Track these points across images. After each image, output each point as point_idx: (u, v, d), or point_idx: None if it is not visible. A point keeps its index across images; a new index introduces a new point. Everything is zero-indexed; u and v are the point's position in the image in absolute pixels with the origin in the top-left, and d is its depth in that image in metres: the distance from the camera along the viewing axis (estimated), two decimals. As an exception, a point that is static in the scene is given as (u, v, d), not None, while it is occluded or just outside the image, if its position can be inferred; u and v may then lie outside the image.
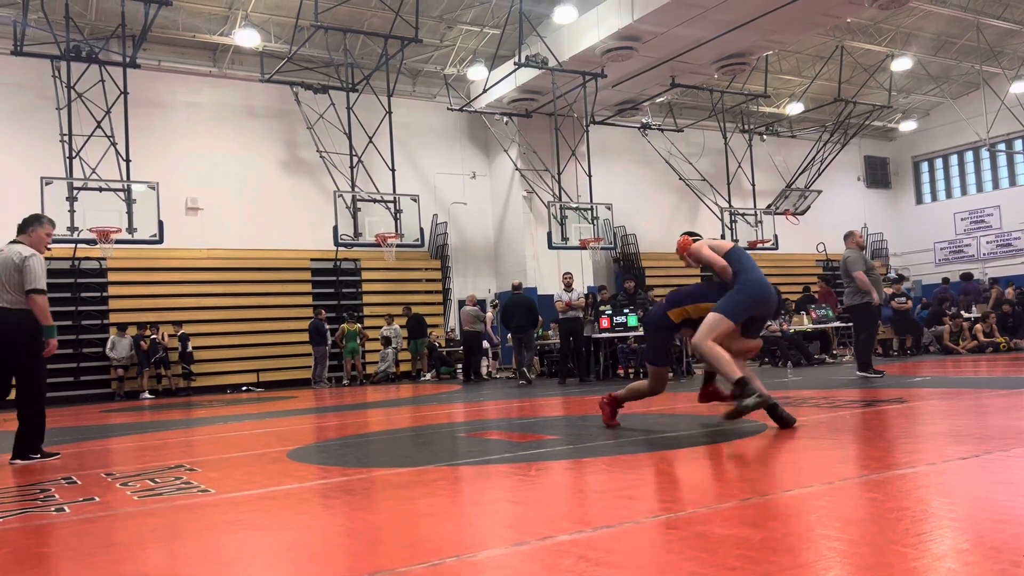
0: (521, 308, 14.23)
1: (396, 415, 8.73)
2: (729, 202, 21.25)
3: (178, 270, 17.58)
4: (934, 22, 21.62)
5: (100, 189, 14.18)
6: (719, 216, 21.12)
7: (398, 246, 16.96)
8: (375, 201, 16.92)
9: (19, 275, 5.52)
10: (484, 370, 17.23)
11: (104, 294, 16.95)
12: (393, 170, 17.21)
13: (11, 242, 5.77)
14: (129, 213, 14.29)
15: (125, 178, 14.55)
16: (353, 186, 17.14)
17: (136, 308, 16.99)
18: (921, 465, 3.53)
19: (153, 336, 16.34)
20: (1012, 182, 26.62)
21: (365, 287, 19.69)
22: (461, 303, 17.24)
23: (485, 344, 17.69)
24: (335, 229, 16.52)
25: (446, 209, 21.06)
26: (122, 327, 16.27)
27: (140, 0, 14.36)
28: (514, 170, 20.94)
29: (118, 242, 14.39)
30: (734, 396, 5.18)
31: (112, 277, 17.02)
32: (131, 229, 14.30)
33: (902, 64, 22.45)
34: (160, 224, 14.59)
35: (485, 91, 19.35)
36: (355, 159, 17.32)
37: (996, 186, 27.07)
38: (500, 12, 18.26)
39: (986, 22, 21.22)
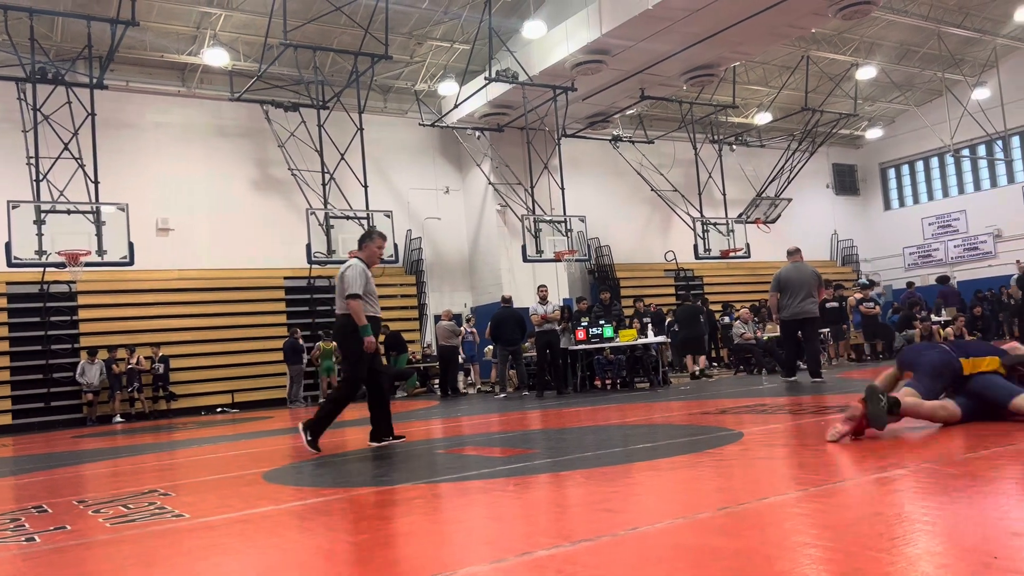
0: (511, 321, 14.25)
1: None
2: (701, 212, 21.44)
3: (149, 292, 17.39)
4: (896, 31, 22.03)
5: (68, 212, 14.02)
6: (691, 226, 21.29)
7: (372, 263, 16.87)
8: (348, 218, 16.87)
9: (341, 284, 6.42)
10: (461, 385, 17.18)
11: (74, 318, 16.71)
12: (366, 186, 17.18)
13: (350, 255, 6.78)
14: (98, 235, 14.13)
15: (94, 200, 14.39)
16: (326, 203, 17.08)
17: (107, 331, 16.76)
18: (895, 469, 3.57)
19: (130, 364, 16.12)
20: (977, 187, 27.13)
21: (340, 305, 19.57)
22: (437, 318, 17.20)
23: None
24: (308, 247, 16.43)
25: (420, 224, 21.04)
26: (92, 351, 16.03)
27: (106, 21, 14.27)
28: (487, 184, 20.99)
29: (88, 265, 14.22)
30: None
31: (82, 300, 16.79)
32: (101, 251, 14.14)
33: (867, 73, 22.84)
34: (130, 246, 14.43)
35: (456, 106, 19.41)
36: (327, 176, 17.27)
37: (962, 191, 27.57)
38: (470, 28, 18.34)
39: (946, 31, 21.68)
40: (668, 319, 17.79)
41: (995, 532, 2.38)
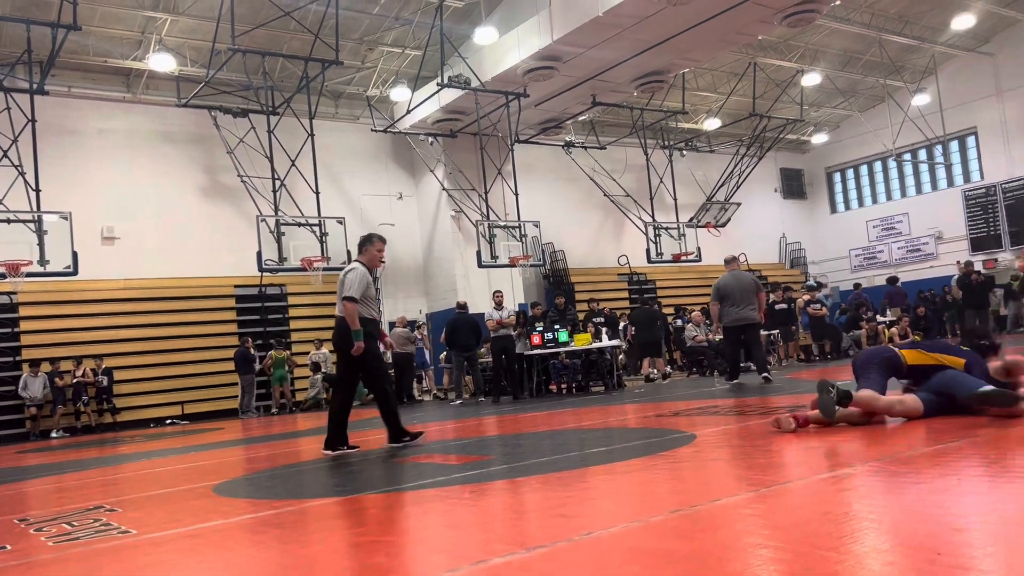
0: (467, 327, 14.22)
1: (327, 442, 8.55)
2: (653, 217, 21.68)
3: (95, 302, 16.95)
4: (840, 39, 22.57)
5: (8, 221, 13.61)
6: (644, 231, 21.51)
7: (325, 269, 16.74)
8: (300, 225, 16.68)
9: (341, 288, 6.54)
10: (416, 392, 17.09)
11: (15, 330, 16.22)
12: (317, 193, 17.00)
13: (353, 260, 6.90)
14: (40, 245, 13.74)
15: (35, 209, 13.98)
16: (276, 210, 16.86)
17: (51, 343, 16.30)
18: (843, 468, 3.64)
19: (77, 377, 15.68)
20: (918, 190, 27.91)
21: (292, 312, 19.33)
22: (391, 325, 17.09)
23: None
24: (259, 254, 16.19)
25: (373, 230, 20.85)
26: (34, 364, 15.56)
27: (47, 25, 13.90)
28: (441, 190, 20.94)
29: (29, 275, 13.82)
30: None
31: (24, 312, 16.31)
32: (43, 261, 13.75)
33: (812, 79, 23.36)
34: (74, 255, 14.07)
35: (409, 112, 19.34)
36: (278, 183, 17.05)
37: (904, 194, 28.33)
38: (421, 33, 18.30)
39: (887, 38, 22.28)
40: (623, 323, 17.96)
41: (939, 528, 2.44)
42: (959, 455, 3.68)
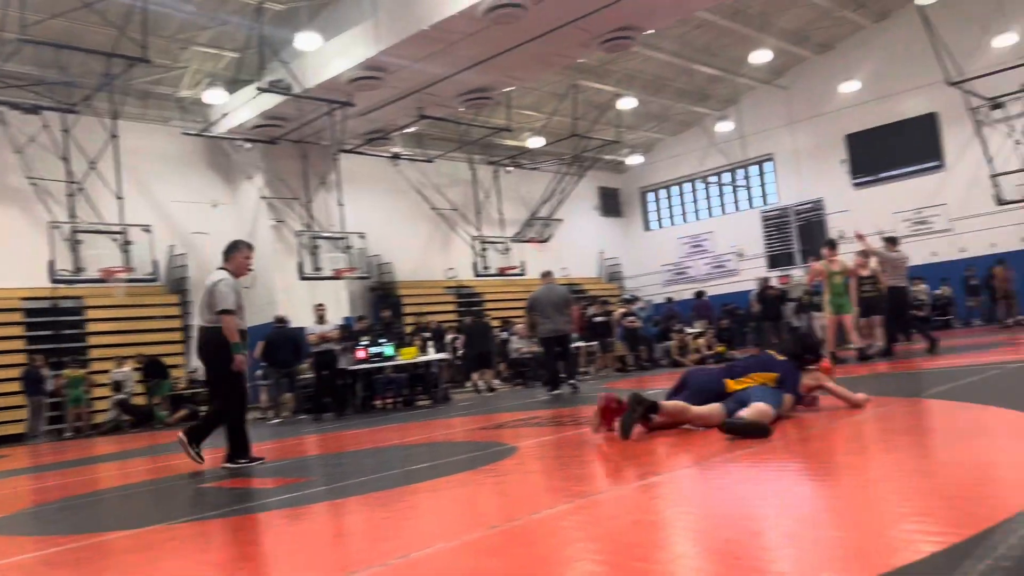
0: (287, 342, 13.65)
1: (130, 468, 7.93)
2: (479, 231, 21.94)
3: None
4: (653, 66, 23.92)
5: None
6: (471, 244, 21.71)
7: (128, 281, 15.57)
8: (99, 232, 15.41)
9: (211, 298, 6.27)
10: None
11: None
12: (120, 198, 15.80)
13: (217, 268, 6.52)
14: None
15: None
16: (72, 216, 15.49)
17: None
18: (653, 476, 3.78)
19: None
20: (723, 210, 30.06)
21: (91, 327, 17.79)
22: (205, 340, 16.12)
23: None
24: (51, 264, 14.80)
25: (185, 240, 19.70)
26: None
27: None
28: (260, 199, 20.10)
29: None
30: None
31: None
32: None
33: (628, 103, 24.59)
34: None
35: (224, 116, 18.42)
36: (74, 187, 15.69)
37: (710, 214, 30.41)
38: (239, 35, 17.52)
39: (695, 68, 23.88)
40: (450, 336, 18.00)
41: (738, 532, 2.56)
42: (756, 460, 3.92)
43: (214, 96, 18.55)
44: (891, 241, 11.88)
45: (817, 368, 5.45)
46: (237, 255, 6.57)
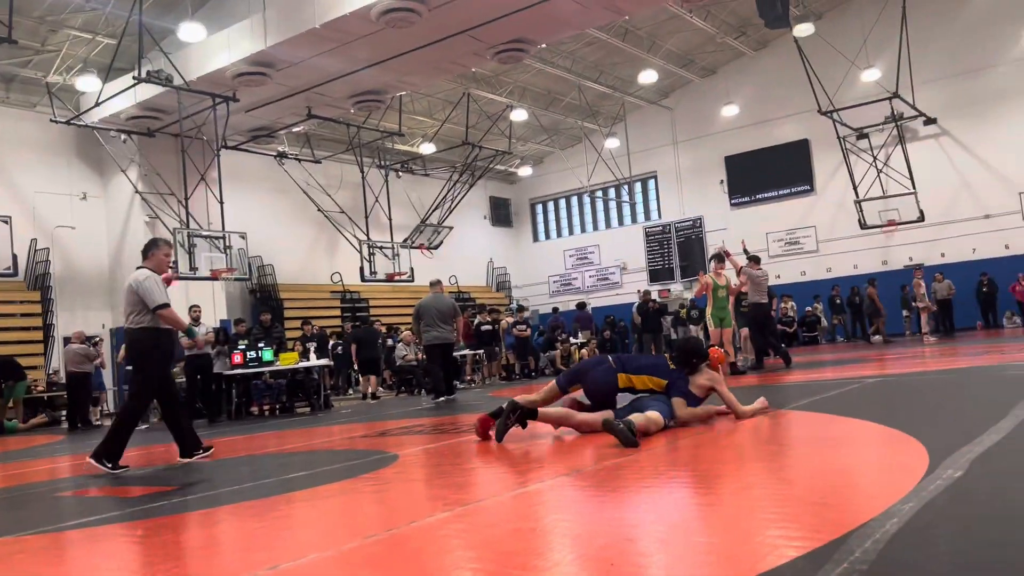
0: None
1: (-25, 477, 7.31)
2: (368, 235, 21.60)
3: None
4: (545, 80, 24.30)
5: None
6: (358, 249, 21.36)
7: (-16, 275, 14.46)
8: (-48, 222, 14.27)
9: (137, 296, 6.21)
10: (95, 416, 15.31)
11: None
12: (-23, 187, 14.69)
13: (137, 268, 6.47)
14: None
15: None
16: (-79, 204, 14.28)
17: None
18: (534, 484, 3.80)
19: None
20: (608, 224, 30.81)
21: (-62, 325, 16.44)
22: (67, 340, 15.18)
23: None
24: None
25: (48, 233, 18.50)
26: None
27: None
28: (134, 193, 19.11)
29: None
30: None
31: None
32: None
33: (519, 115, 24.85)
34: None
35: (98, 104, 17.39)
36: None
37: (596, 227, 31.11)
38: (116, 21, 16.62)
39: (585, 84, 24.41)
40: (332, 341, 17.63)
41: (613, 539, 2.60)
42: (634, 468, 4.00)
43: (87, 83, 17.51)
44: (754, 260, 12.48)
45: (708, 364, 5.63)
46: (157, 252, 6.60)
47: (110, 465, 6.06)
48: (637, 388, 5.51)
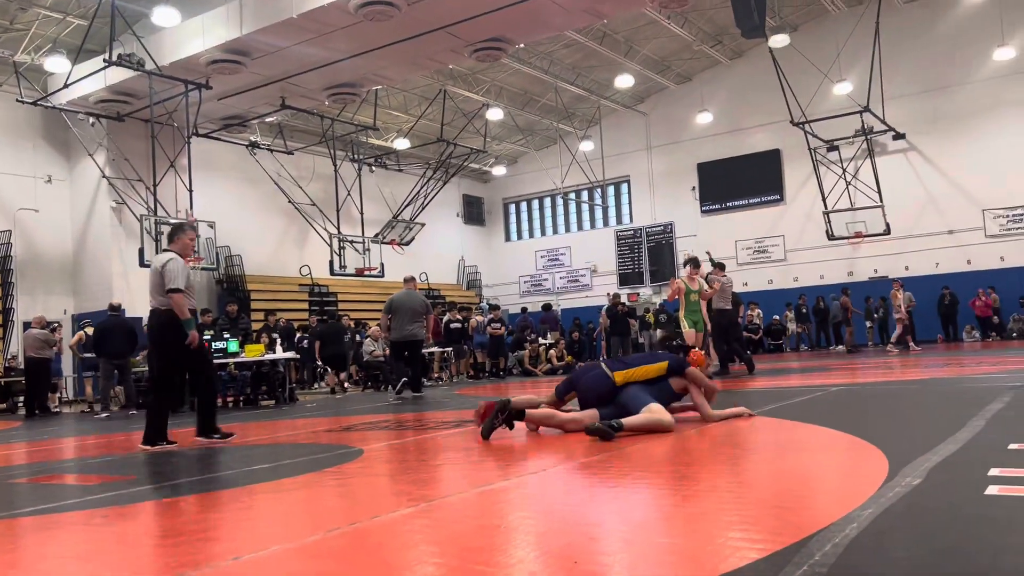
0: (120, 332, 12.80)
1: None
2: (338, 228, 21.47)
3: None
4: (521, 80, 24.32)
5: None
6: (328, 242, 21.21)
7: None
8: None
9: (160, 279, 6.39)
10: (54, 403, 15.03)
11: None
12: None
13: (163, 250, 6.86)
14: None
15: None
16: None
17: None
18: (500, 481, 3.80)
19: None
20: (580, 227, 30.92)
21: None
22: (27, 325, 14.88)
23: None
24: None
25: (11, 216, 18.14)
26: None
27: None
28: (101, 177, 18.80)
29: None
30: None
31: None
32: None
33: (495, 114, 24.86)
34: None
35: (67, 86, 17.10)
36: None
37: (568, 229, 31.21)
38: (88, 2, 16.33)
39: (562, 86, 24.47)
40: (299, 335, 17.47)
41: (577, 537, 2.61)
42: (600, 468, 4.02)
43: (56, 64, 17.19)
44: (719, 267, 12.63)
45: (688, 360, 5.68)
46: (183, 237, 6.79)
47: (163, 443, 6.43)
48: (639, 380, 5.49)
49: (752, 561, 2.13)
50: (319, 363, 16.43)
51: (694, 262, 11.92)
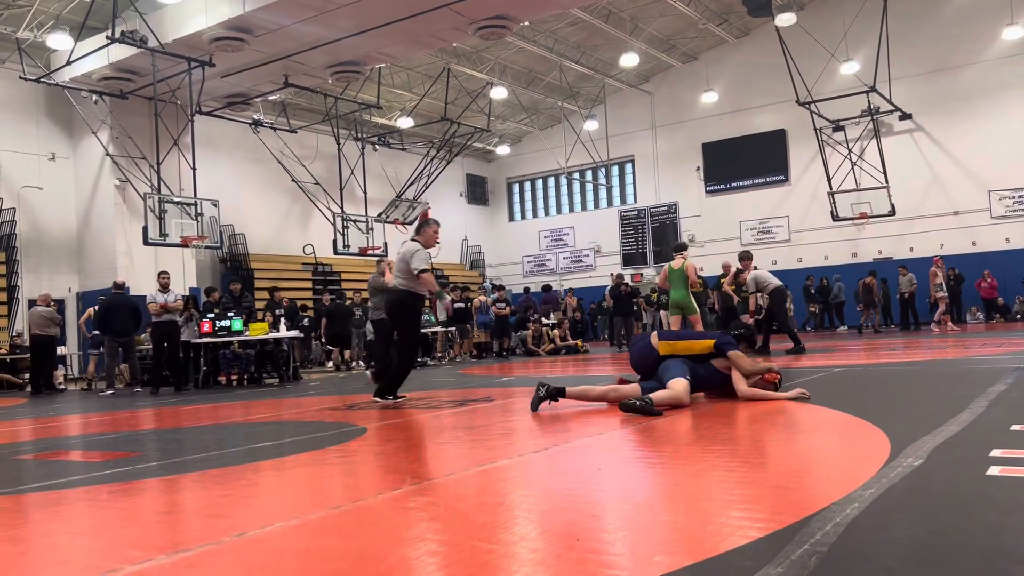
0: (124, 310, 12.81)
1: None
2: (342, 207, 21.43)
3: None
4: (526, 58, 24.16)
5: None
6: (332, 221, 21.19)
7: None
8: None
9: (406, 264, 7.24)
10: (60, 380, 15.11)
11: None
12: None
13: (410, 239, 7.55)
14: None
15: None
16: None
17: None
18: (502, 460, 3.82)
19: None
20: (584, 207, 30.85)
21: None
22: (32, 303, 14.93)
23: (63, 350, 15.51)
24: None
25: (15, 194, 18.14)
26: None
27: None
28: (105, 155, 18.77)
29: None
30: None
31: None
32: None
33: (499, 93, 24.71)
34: None
35: (69, 63, 17.02)
36: None
37: (572, 209, 31.14)
38: (91, -23, 16.21)
39: (566, 65, 24.30)
40: (302, 314, 17.52)
41: (578, 515, 2.62)
42: (603, 447, 4.04)
43: (59, 40, 17.11)
44: (746, 256, 12.75)
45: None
46: (427, 229, 7.57)
47: (391, 398, 7.16)
48: (682, 354, 5.64)
49: (753, 540, 2.14)
50: (323, 341, 16.51)
51: (682, 246, 12.19)
